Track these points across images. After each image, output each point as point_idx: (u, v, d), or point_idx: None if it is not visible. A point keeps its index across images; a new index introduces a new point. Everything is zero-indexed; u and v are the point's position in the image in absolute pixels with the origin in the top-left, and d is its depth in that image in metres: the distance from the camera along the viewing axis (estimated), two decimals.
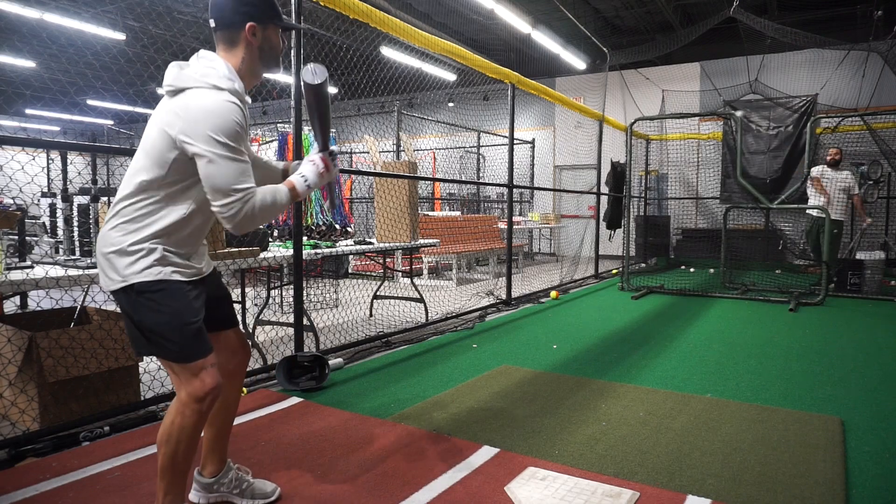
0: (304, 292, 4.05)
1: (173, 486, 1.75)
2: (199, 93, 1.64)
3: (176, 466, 1.74)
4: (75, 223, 3.05)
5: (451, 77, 11.42)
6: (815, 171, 7.44)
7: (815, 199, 7.40)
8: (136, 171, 1.69)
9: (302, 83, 1.83)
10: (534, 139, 12.44)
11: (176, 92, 1.67)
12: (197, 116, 1.60)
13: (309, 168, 1.84)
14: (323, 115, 1.89)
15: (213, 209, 1.65)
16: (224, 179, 1.61)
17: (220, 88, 1.65)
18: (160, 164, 1.66)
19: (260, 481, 2.08)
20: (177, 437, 1.72)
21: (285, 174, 2.03)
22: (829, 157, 7.47)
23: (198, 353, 1.72)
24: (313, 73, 1.80)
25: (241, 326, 2.10)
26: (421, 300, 5.42)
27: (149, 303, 1.68)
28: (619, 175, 9.25)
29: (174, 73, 1.69)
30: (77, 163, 12.40)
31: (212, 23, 1.75)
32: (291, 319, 3.85)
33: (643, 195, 11.08)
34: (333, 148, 1.93)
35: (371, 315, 5.73)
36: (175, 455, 1.73)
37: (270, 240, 4.95)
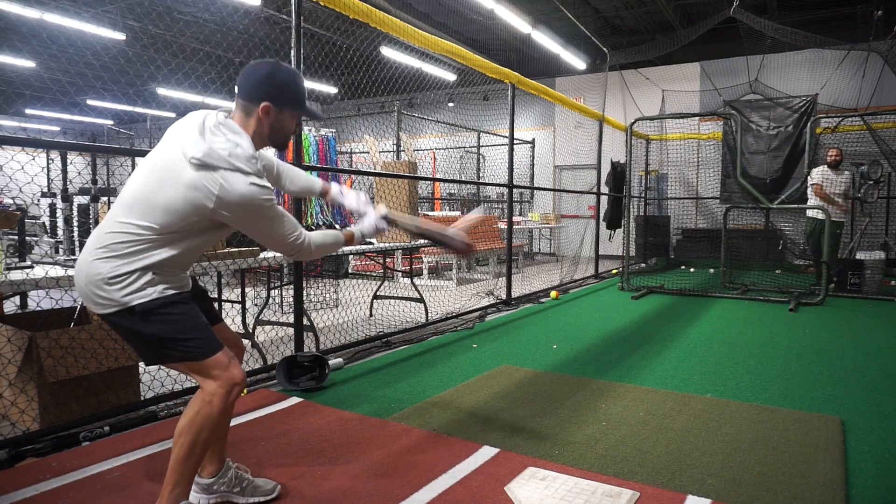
0: (304, 292, 4.05)
1: (183, 478, 1.78)
2: (232, 178, 1.70)
3: (192, 457, 1.77)
4: (75, 223, 3.05)
5: (451, 77, 11.42)
6: (816, 174, 7.43)
7: (815, 200, 7.40)
8: (135, 212, 1.72)
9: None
10: (534, 139, 12.44)
11: (204, 167, 1.70)
12: (238, 202, 1.71)
13: (370, 230, 2.18)
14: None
15: (285, 255, 1.94)
16: (279, 239, 1.84)
17: (247, 173, 1.72)
18: (175, 218, 1.72)
19: (260, 479, 2.10)
20: (200, 425, 1.75)
21: (324, 192, 2.30)
22: (829, 158, 7.46)
23: (216, 345, 1.79)
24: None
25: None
26: (421, 300, 5.42)
27: (155, 317, 1.73)
28: (619, 175, 9.25)
29: (202, 147, 1.70)
30: (77, 163, 12.40)
31: (236, 88, 1.84)
32: (291, 319, 3.85)
33: (643, 195, 11.08)
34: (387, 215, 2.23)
35: (371, 315, 5.73)
36: (194, 445, 1.76)
37: None
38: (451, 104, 13.63)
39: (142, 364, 3.09)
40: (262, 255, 3.71)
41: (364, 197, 2.27)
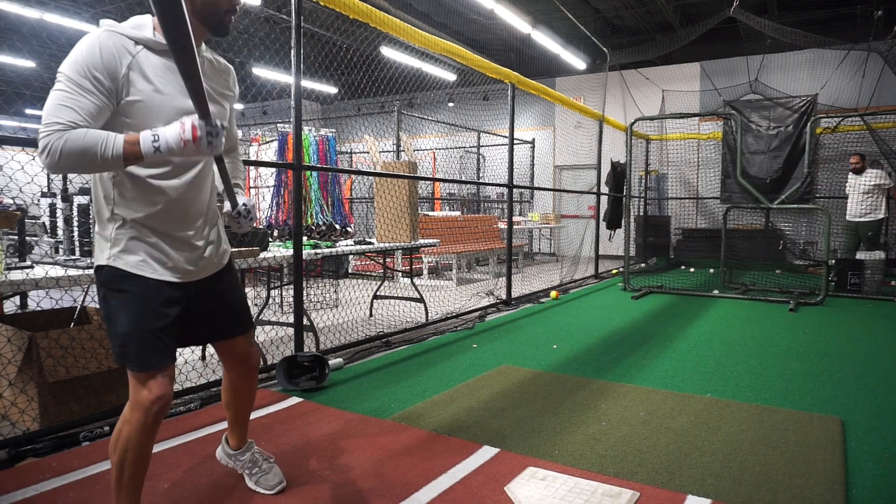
0: (304, 292, 4.05)
1: (126, 498, 1.69)
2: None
3: (123, 478, 1.66)
4: (75, 223, 3.05)
5: (451, 77, 11.42)
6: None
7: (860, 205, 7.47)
8: None
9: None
10: (534, 139, 12.44)
11: None
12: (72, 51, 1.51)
13: (171, 128, 1.45)
14: (183, 50, 1.46)
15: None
16: (46, 109, 1.44)
17: (98, 30, 1.53)
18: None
19: (273, 473, 2.15)
20: (123, 446, 1.64)
21: (232, 201, 1.85)
22: (851, 167, 7.59)
23: (149, 361, 1.62)
24: None
25: (252, 329, 2.05)
26: (421, 300, 5.42)
27: (108, 290, 1.63)
28: (619, 175, 9.25)
29: None
30: None
31: None
32: (291, 319, 3.85)
33: (643, 195, 11.08)
34: (217, 123, 1.49)
35: (371, 315, 5.73)
36: (122, 466, 1.65)
37: (270, 240, 4.95)
38: (451, 104, 13.63)
39: None
40: (262, 255, 3.70)
41: (187, 119, 1.51)
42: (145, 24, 1.62)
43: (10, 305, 4.21)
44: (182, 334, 1.76)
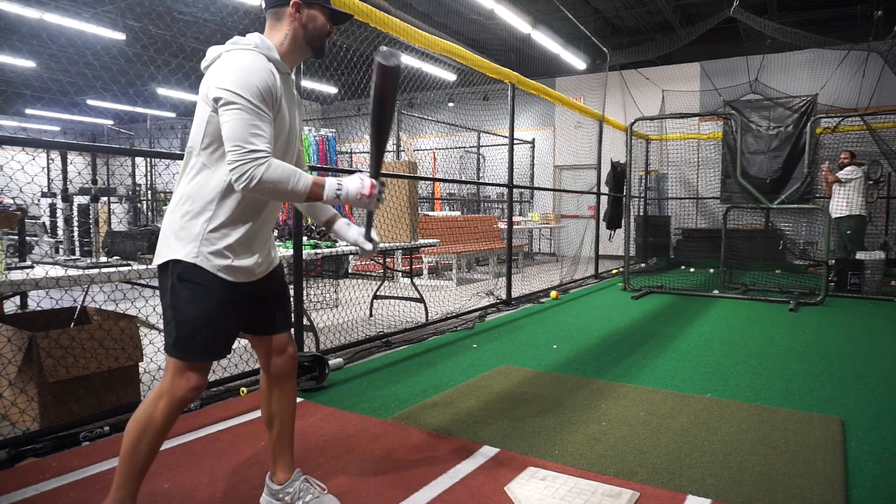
0: (304, 292, 4.05)
1: (129, 479, 1.71)
2: (230, 54, 1.68)
3: (135, 459, 1.70)
4: (75, 223, 3.05)
5: (451, 77, 11.42)
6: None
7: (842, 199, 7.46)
8: (188, 150, 1.73)
9: (375, 65, 1.68)
10: (534, 139, 12.44)
11: (210, 64, 1.71)
12: (225, 69, 1.63)
13: (352, 182, 1.72)
14: (384, 122, 1.77)
15: (227, 164, 1.59)
16: (236, 132, 1.57)
17: (247, 50, 1.68)
18: (198, 129, 1.68)
19: (327, 496, 1.99)
20: (143, 427, 1.70)
21: (329, 222, 2.03)
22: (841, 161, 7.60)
23: (201, 351, 1.72)
24: (389, 55, 1.68)
25: (291, 331, 2.05)
26: (421, 300, 5.42)
27: (183, 284, 1.69)
28: (619, 175, 9.25)
29: (210, 51, 1.73)
30: (77, 163, 12.39)
31: (262, 4, 1.81)
32: (291, 319, 3.84)
33: (643, 195, 11.08)
34: (383, 181, 1.81)
35: (371, 315, 5.73)
36: (137, 445, 1.70)
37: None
38: (451, 104, 13.64)
39: (142, 364, 3.10)
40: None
41: (365, 176, 1.79)
42: (272, 47, 1.76)
43: (10, 305, 4.21)
44: (247, 323, 1.88)
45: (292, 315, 2.05)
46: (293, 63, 1.84)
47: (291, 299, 2.05)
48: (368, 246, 1.94)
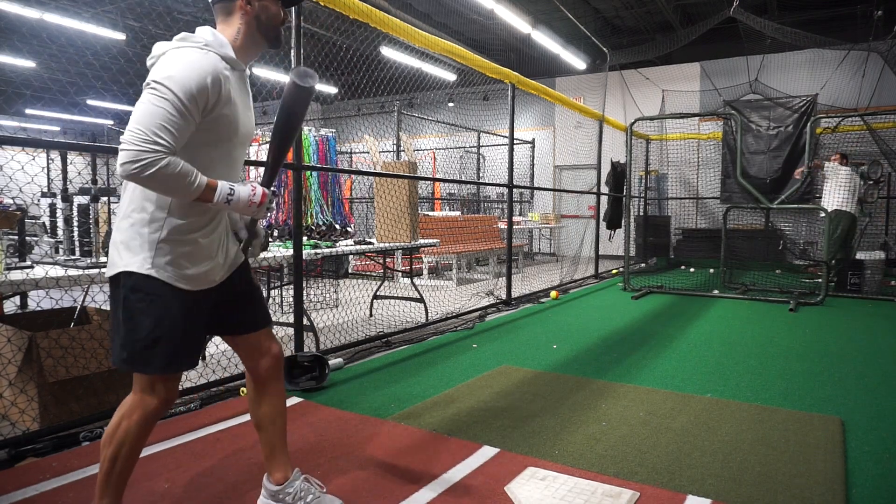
0: (304, 292, 4.05)
1: (111, 488, 1.70)
2: (176, 51, 1.60)
3: (114, 470, 1.68)
4: (75, 223, 3.05)
5: (451, 77, 11.42)
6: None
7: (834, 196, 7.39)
8: None
9: (289, 82, 1.69)
10: (534, 139, 12.44)
11: (155, 61, 1.62)
12: (165, 63, 1.56)
13: (244, 189, 1.64)
14: (287, 137, 1.74)
15: (121, 145, 1.48)
16: (145, 116, 1.48)
17: (196, 48, 1.60)
18: None
19: (328, 497, 1.97)
20: (120, 440, 1.67)
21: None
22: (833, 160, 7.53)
23: (173, 362, 1.67)
24: (304, 74, 1.68)
25: (272, 326, 1.98)
26: (421, 300, 5.42)
27: (136, 296, 1.62)
28: (619, 175, 9.25)
29: (155, 47, 1.65)
30: (77, 163, 12.39)
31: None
32: (291, 319, 3.85)
33: (643, 195, 11.08)
34: (275, 190, 1.74)
35: (371, 315, 5.73)
36: (115, 458, 1.67)
37: (270, 240, 4.95)
38: (451, 104, 13.64)
39: None
40: (261, 254, 3.70)
41: (258, 185, 1.72)
42: (226, 43, 1.69)
43: (10, 305, 4.21)
44: (208, 325, 1.81)
45: (269, 312, 1.98)
46: (249, 58, 1.77)
47: (263, 296, 1.98)
48: (243, 233, 1.81)
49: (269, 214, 1.70)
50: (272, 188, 1.73)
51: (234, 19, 1.71)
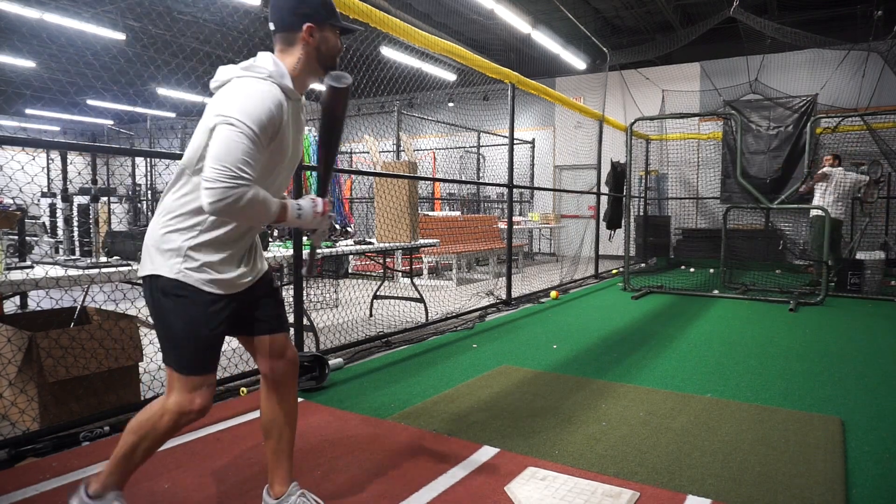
0: (304, 292, 4.04)
1: (120, 469, 1.77)
2: (242, 80, 1.66)
3: (130, 459, 1.75)
4: (75, 223, 3.05)
5: (451, 77, 11.42)
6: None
7: (821, 198, 7.37)
8: (180, 168, 1.72)
9: (326, 87, 1.78)
10: (534, 139, 12.44)
11: (220, 86, 1.70)
12: (234, 95, 1.63)
13: (307, 203, 1.78)
14: (334, 141, 1.87)
15: (203, 179, 1.55)
16: (228, 153, 1.55)
17: (261, 78, 1.67)
18: (196, 151, 1.66)
19: None
20: (145, 433, 1.72)
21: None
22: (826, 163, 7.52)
23: (200, 365, 1.72)
24: (339, 77, 1.78)
25: (288, 332, 2.00)
26: (421, 300, 5.42)
27: (168, 300, 1.68)
28: (619, 175, 9.25)
29: (220, 71, 1.72)
30: (77, 163, 12.40)
31: (271, 26, 1.78)
32: (291, 319, 3.84)
33: (643, 195, 11.08)
34: (331, 199, 1.89)
35: (371, 315, 5.73)
36: (135, 449, 1.74)
37: (270, 240, 4.95)
38: (451, 104, 13.64)
39: (142, 364, 3.10)
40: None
41: (317, 197, 1.86)
42: (286, 73, 1.74)
43: (10, 305, 4.21)
44: (230, 326, 1.84)
45: (287, 319, 2.01)
46: (304, 87, 1.83)
47: (283, 303, 2.02)
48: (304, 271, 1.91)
49: (330, 224, 1.85)
50: (328, 196, 1.86)
51: (296, 49, 1.76)
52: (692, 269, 9.73)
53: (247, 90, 1.63)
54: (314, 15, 1.76)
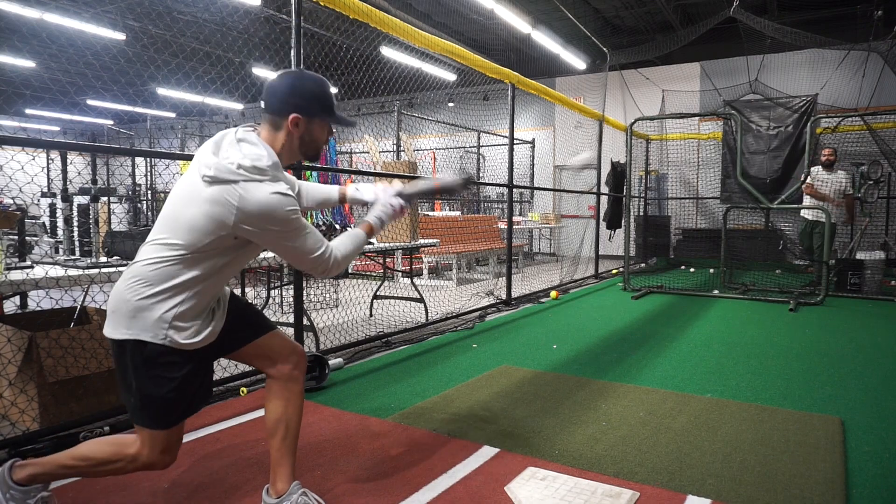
0: (304, 292, 4.05)
1: (58, 476, 1.85)
2: (251, 187, 1.63)
3: (80, 473, 1.85)
4: (75, 223, 3.05)
5: (451, 77, 11.42)
6: (810, 175, 7.46)
7: (809, 199, 7.42)
8: (162, 231, 1.69)
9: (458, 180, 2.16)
10: (534, 139, 12.44)
11: (218, 182, 1.63)
12: (259, 212, 1.63)
13: (386, 212, 2.02)
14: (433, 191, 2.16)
15: (313, 272, 1.79)
16: (304, 255, 1.74)
17: (267, 182, 1.66)
18: (199, 236, 1.65)
19: None
20: (102, 470, 1.78)
21: (342, 198, 2.25)
22: (823, 158, 7.49)
23: (169, 420, 1.73)
24: (466, 176, 2.19)
25: (277, 329, 2.03)
26: (421, 300, 5.42)
27: (153, 370, 1.67)
28: (619, 175, 9.25)
29: (213, 162, 1.64)
30: (77, 163, 12.39)
31: (262, 103, 1.79)
32: (291, 319, 3.85)
33: (643, 195, 11.08)
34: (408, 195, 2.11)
35: (371, 315, 5.73)
36: (91, 471, 1.80)
37: None
38: (451, 104, 13.63)
39: None
40: (261, 254, 3.70)
41: (380, 184, 2.15)
42: (278, 163, 1.74)
43: (10, 305, 4.21)
44: (217, 350, 1.87)
45: (267, 317, 2.04)
46: (285, 165, 1.82)
47: (251, 304, 2.06)
48: (398, 202, 2.06)
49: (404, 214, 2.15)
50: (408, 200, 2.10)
51: (280, 133, 1.78)
52: (692, 269, 9.73)
53: (265, 199, 1.63)
54: (304, 108, 1.76)
